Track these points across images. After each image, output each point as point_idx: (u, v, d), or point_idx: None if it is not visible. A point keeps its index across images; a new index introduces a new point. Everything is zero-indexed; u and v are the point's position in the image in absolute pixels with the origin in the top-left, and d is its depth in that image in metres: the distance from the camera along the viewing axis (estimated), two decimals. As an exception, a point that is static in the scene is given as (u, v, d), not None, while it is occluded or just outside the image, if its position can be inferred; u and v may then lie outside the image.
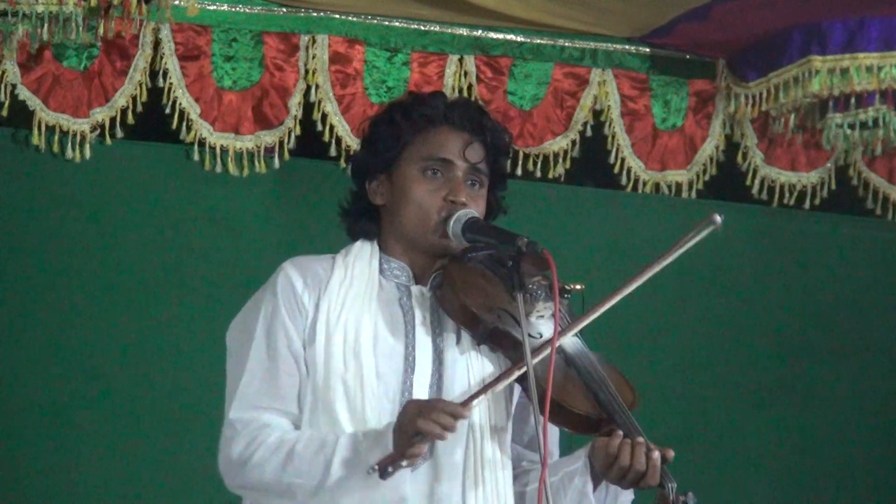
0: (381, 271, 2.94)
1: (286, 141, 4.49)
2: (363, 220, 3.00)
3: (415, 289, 2.93)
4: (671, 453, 2.78)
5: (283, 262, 2.96)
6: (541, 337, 2.81)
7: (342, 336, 2.84)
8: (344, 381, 2.81)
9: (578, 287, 2.86)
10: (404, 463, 2.64)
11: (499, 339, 2.82)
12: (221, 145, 4.45)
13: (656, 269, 2.90)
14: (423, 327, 2.88)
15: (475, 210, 2.91)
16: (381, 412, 2.79)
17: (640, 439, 2.76)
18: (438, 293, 2.89)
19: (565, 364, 2.84)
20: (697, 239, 2.86)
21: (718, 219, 2.87)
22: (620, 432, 2.77)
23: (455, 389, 2.85)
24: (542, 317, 2.84)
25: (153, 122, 4.43)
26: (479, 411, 2.84)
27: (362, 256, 2.95)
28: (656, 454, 2.75)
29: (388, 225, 2.97)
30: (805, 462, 4.98)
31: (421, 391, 2.84)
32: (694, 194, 4.91)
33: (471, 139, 2.95)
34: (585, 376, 2.84)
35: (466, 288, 2.85)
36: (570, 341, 2.88)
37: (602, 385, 2.83)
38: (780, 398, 4.97)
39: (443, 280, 2.89)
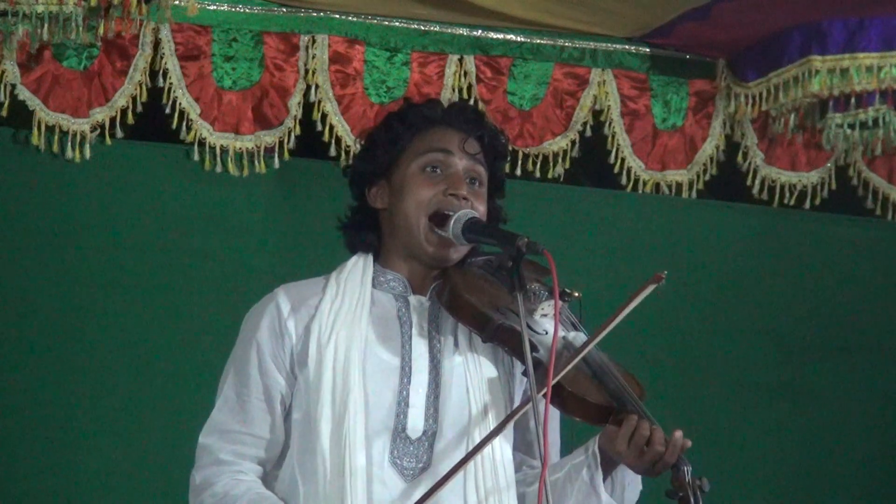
0: (377, 284, 2.94)
1: (286, 141, 4.50)
2: (362, 231, 3.00)
3: (412, 299, 2.93)
4: (689, 443, 2.79)
5: (277, 287, 2.98)
6: (546, 333, 2.82)
7: (332, 356, 2.84)
8: (332, 400, 2.82)
9: (576, 294, 2.87)
10: None
11: (506, 335, 2.82)
12: (221, 145, 4.45)
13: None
14: (420, 337, 2.88)
15: (477, 208, 2.91)
16: (368, 432, 2.80)
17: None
18: (443, 299, 2.88)
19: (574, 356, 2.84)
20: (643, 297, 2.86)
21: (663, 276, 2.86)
22: (635, 416, 2.77)
23: (452, 396, 2.85)
24: (545, 315, 2.85)
25: (153, 122, 4.43)
26: (479, 417, 2.84)
27: (355, 273, 2.94)
28: (678, 433, 2.77)
29: (388, 230, 2.97)
30: (805, 462, 4.98)
31: (418, 400, 2.84)
32: (694, 194, 4.91)
33: (467, 136, 2.96)
34: (594, 367, 2.85)
35: (471, 289, 2.86)
36: (577, 338, 2.88)
37: (611, 376, 2.84)
38: (780, 398, 4.97)
39: (444, 285, 2.89)
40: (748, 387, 4.94)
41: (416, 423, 2.82)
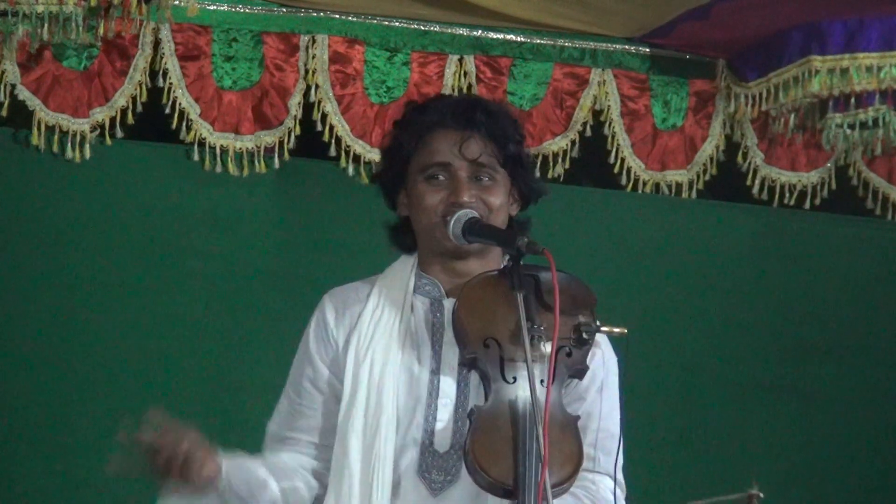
0: (416, 288, 2.93)
1: (286, 141, 4.49)
2: (401, 233, 2.99)
3: (447, 302, 2.90)
4: None
5: (325, 294, 3.00)
6: (514, 381, 2.68)
7: (367, 372, 2.84)
8: (364, 416, 2.82)
9: (616, 331, 2.73)
10: None
11: (476, 369, 2.75)
12: (221, 145, 4.45)
13: None
14: (451, 346, 2.84)
15: (491, 202, 2.88)
16: (397, 446, 2.79)
17: None
18: (454, 306, 2.85)
19: (510, 421, 2.67)
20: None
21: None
22: None
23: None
24: (531, 360, 2.63)
25: (153, 122, 4.43)
26: None
27: (400, 278, 2.94)
28: None
29: (417, 237, 2.98)
30: (805, 461, 4.97)
31: (445, 415, 2.81)
32: (694, 194, 4.91)
33: (466, 135, 2.90)
34: (521, 440, 2.65)
35: (471, 307, 2.78)
36: (537, 393, 2.64)
37: (531, 457, 2.62)
38: (780, 398, 4.97)
39: (457, 297, 2.84)
40: (748, 387, 4.94)
41: (443, 437, 2.80)
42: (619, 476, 2.88)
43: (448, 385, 2.83)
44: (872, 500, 5.05)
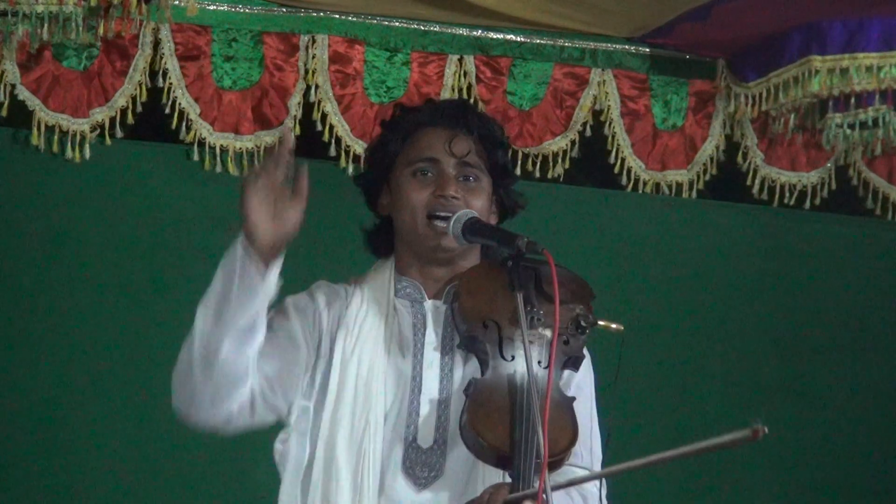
0: (395, 291, 2.95)
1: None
2: (378, 234, 3.03)
3: (428, 304, 2.93)
4: None
5: (314, 284, 3.02)
6: (512, 359, 2.73)
7: (355, 369, 2.86)
8: (353, 413, 2.84)
9: (613, 326, 2.78)
10: None
11: (473, 349, 2.79)
12: (221, 145, 4.45)
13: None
14: (433, 346, 2.88)
15: (474, 204, 2.90)
16: (385, 449, 2.82)
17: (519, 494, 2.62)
18: (455, 289, 2.87)
19: (508, 393, 2.72)
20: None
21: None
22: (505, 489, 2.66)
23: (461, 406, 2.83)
24: (531, 343, 2.68)
25: (153, 122, 4.44)
26: None
27: (377, 282, 2.96)
28: None
29: (396, 235, 2.98)
30: (805, 462, 4.97)
31: (428, 411, 2.84)
32: (694, 194, 4.91)
33: (455, 134, 2.95)
34: (517, 410, 2.69)
35: (472, 289, 2.83)
36: (537, 373, 2.69)
37: (527, 425, 2.66)
38: (780, 398, 4.97)
39: (459, 281, 2.88)
40: (748, 387, 4.94)
41: (426, 433, 2.83)
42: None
43: (430, 382, 2.86)
44: (872, 500, 5.05)
